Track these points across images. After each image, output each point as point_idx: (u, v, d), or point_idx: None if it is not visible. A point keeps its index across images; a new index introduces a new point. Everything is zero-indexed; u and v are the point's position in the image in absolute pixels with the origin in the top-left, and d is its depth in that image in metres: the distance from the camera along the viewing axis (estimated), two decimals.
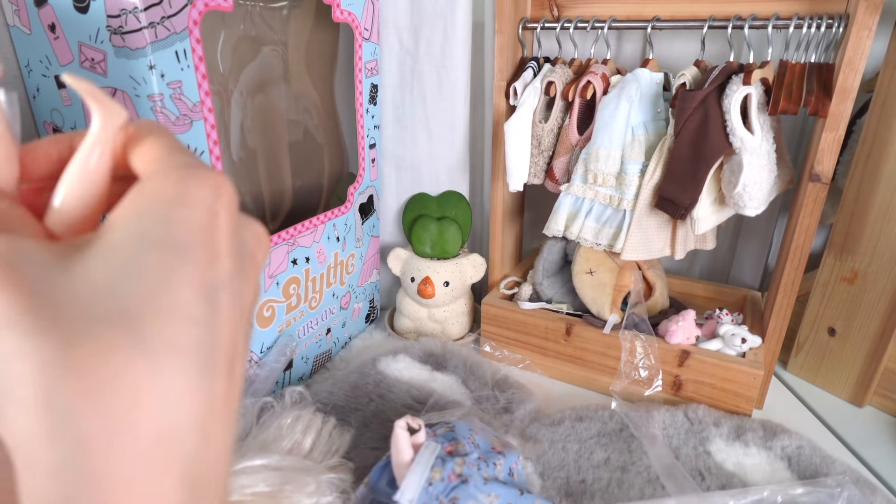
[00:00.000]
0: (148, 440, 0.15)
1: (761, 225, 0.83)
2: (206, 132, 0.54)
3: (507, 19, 0.71)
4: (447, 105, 0.82)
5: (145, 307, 0.15)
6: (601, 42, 0.72)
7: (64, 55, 0.52)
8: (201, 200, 0.17)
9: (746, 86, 0.57)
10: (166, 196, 0.17)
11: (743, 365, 0.63)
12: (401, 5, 0.79)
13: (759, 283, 0.86)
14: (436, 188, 0.87)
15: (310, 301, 0.74)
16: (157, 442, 0.15)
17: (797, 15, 0.59)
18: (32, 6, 0.52)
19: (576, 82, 0.70)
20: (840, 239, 0.67)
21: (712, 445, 0.60)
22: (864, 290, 0.66)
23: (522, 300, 0.78)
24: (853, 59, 0.54)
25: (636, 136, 0.66)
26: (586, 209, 0.70)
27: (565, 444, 0.61)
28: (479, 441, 0.51)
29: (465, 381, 0.70)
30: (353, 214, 0.80)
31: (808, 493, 0.52)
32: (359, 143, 0.78)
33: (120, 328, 0.14)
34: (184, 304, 0.16)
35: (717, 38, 0.71)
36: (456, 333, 0.85)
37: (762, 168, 0.59)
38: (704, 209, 0.63)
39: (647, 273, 0.77)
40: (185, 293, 0.16)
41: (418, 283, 0.81)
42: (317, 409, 0.58)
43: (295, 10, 0.72)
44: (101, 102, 0.18)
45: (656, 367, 0.67)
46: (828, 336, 0.71)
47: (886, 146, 0.61)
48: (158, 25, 0.47)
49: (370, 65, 0.76)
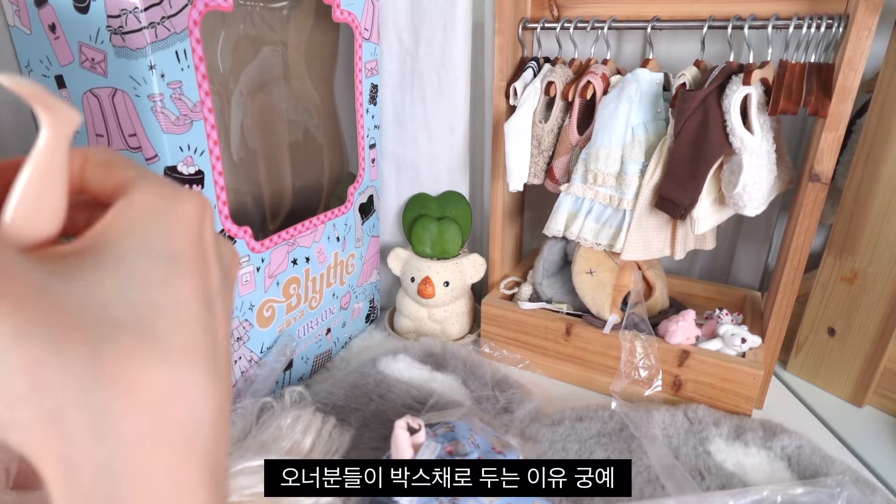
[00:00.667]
0: (178, 437, 0.16)
1: (761, 225, 0.83)
2: (206, 132, 0.54)
3: (507, 19, 0.71)
4: (447, 105, 0.82)
5: (159, 314, 0.16)
6: (601, 42, 0.72)
7: (64, 55, 0.52)
8: (191, 216, 0.18)
9: (746, 86, 0.57)
10: (161, 210, 0.18)
11: (743, 365, 0.63)
12: (401, 5, 0.79)
13: (759, 283, 0.86)
14: (436, 188, 0.87)
15: (310, 301, 0.74)
16: (185, 438, 0.16)
17: (797, 15, 0.59)
18: (32, 6, 0.52)
19: (576, 82, 0.70)
20: (840, 239, 0.67)
21: (712, 445, 0.60)
22: (863, 290, 0.66)
23: (522, 300, 0.78)
24: (853, 59, 0.54)
25: (636, 136, 0.66)
26: (586, 209, 0.71)
27: (565, 444, 0.61)
28: (479, 441, 0.51)
29: (465, 381, 0.70)
30: (353, 214, 0.80)
31: (807, 493, 0.52)
32: (359, 143, 0.78)
33: (139, 334, 0.15)
34: (192, 310, 0.17)
35: (717, 38, 0.71)
36: (456, 333, 0.85)
37: (762, 168, 0.59)
38: (704, 209, 0.63)
39: (647, 273, 0.77)
40: (192, 301, 0.17)
41: (418, 283, 0.81)
42: (317, 409, 0.58)
43: (295, 10, 0.72)
44: (51, 107, 0.16)
45: (656, 367, 0.67)
46: (828, 336, 0.71)
47: (886, 146, 0.61)
48: (158, 25, 0.47)
49: (370, 65, 0.76)
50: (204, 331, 0.17)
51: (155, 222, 0.17)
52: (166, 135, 0.51)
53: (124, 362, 0.15)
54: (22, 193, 0.16)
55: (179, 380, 0.16)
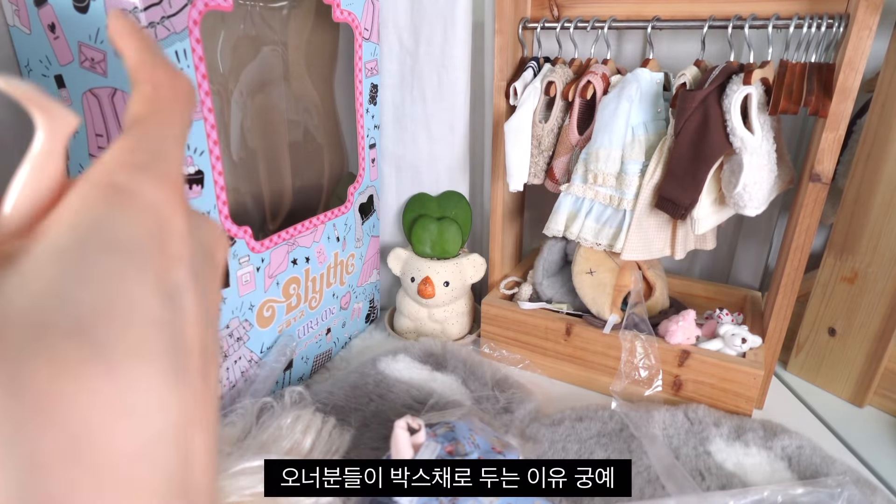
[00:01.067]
0: (118, 457, 0.13)
1: (761, 225, 0.83)
2: (206, 132, 0.54)
3: (507, 19, 0.71)
4: (447, 105, 0.82)
5: (100, 313, 0.14)
6: (601, 42, 0.72)
7: (64, 55, 0.52)
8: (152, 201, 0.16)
9: (747, 86, 0.57)
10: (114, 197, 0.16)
11: (743, 365, 0.63)
12: (401, 5, 0.79)
13: (759, 283, 0.86)
14: (436, 188, 0.87)
15: (310, 301, 0.74)
16: (129, 459, 0.13)
17: (797, 15, 0.59)
18: (32, 6, 0.52)
19: (576, 82, 0.70)
20: (840, 239, 0.67)
21: (712, 445, 0.60)
22: (864, 290, 0.66)
23: (522, 300, 0.78)
24: (853, 59, 0.54)
25: (636, 136, 0.66)
26: (586, 209, 0.70)
27: (565, 444, 0.61)
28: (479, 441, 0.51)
29: (465, 381, 0.70)
30: (353, 214, 0.80)
31: (808, 493, 0.52)
32: (359, 143, 0.78)
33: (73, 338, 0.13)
34: (142, 306, 0.15)
35: (717, 38, 0.71)
36: (456, 333, 0.85)
37: (762, 168, 0.59)
38: (704, 209, 0.63)
39: (647, 273, 0.76)
40: (143, 295, 0.15)
41: (418, 283, 0.81)
42: (317, 409, 0.57)
43: (295, 10, 0.72)
44: (46, 109, 0.16)
45: (656, 367, 0.67)
46: (828, 336, 0.71)
47: (886, 146, 0.61)
48: (158, 25, 0.47)
49: (370, 65, 0.76)
50: (160, 328, 0.15)
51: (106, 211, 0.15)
52: None
53: (50, 372, 0.13)
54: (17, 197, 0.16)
55: (124, 388, 0.13)
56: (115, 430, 0.13)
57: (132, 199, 0.16)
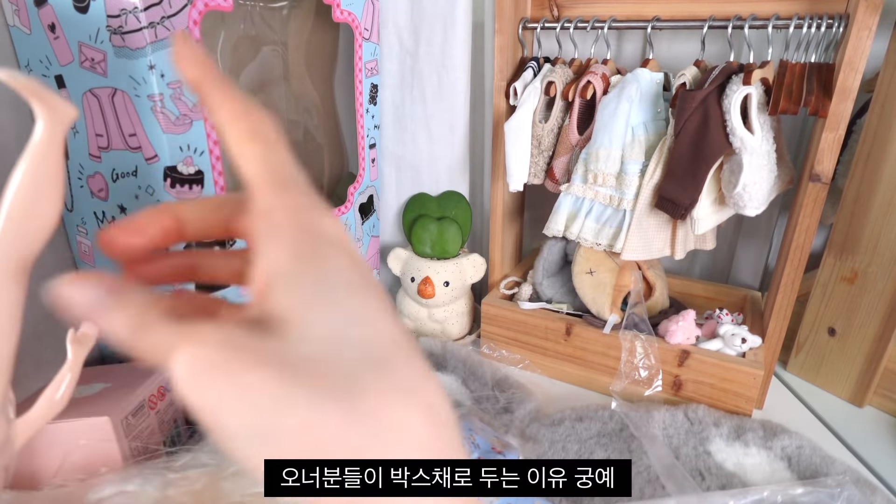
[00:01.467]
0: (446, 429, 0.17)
1: (761, 225, 0.83)
2: (206, 132, 0.54)
3: (507, 19, 0.71)
4: (447, 105, 0.82)
5: (378, 345, 0.15)
6: (601, 42, 0.72)
7: (64, 55, 0.52)
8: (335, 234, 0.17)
9: (746, 86, 0.57)
10: (334, 235, 0.17)
11: (743, 365, 0.63)
12: (401, 5, 0.79)
13: (759, 283, 0.86)
14: (436, 188, 0.87)
15: None
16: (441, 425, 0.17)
17: (797, 15, 0.59)
18: (32, 6, 0.52)
19: (576, 82, 0.70)
20: (840, 239, 0.67)
21: (712, 445, 0.60)
22: (864, 290, 0.66)
23: (522, 300, 0.78)
24: (853, 59, 0.54)
25: (636, 136, 0.66)
26: (586, 209, 0.70)
27: (565, 444, 0.61)
28: (479, 441, 0.51)
29: (465, 382, 0.70)
30: (353, 214, 0.80)
31: (808, 493, 0.52)
32: (359, 143, 0.78)
33: (375, 371, 0.15)
34: (398, 330, 0.16)
35: (717, 38, 0.71)
36: (456, 333, 0.85)
37: (762, 168, 0.59)
38: (704, 209, 0.63)
39: (647, 273, 0.77)
40: (396, 326, 0.16)
41: (418, 283, 0.81)
42: None
43: (295, 10, 0.72)
44: (47, 101, 0.16)
45: (656, 367, 0.67)
46: (828, 336, 0.71)
47: (887, 146, 0.61)
48: (158, 25, 0.47)
49: (370, 65, 0.76)
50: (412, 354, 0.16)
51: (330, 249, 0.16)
52: (166, 135, 0.51)
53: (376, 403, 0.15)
54: (19, 186, 0.16)
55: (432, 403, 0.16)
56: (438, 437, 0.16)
57: (344, 232, 0.17)
